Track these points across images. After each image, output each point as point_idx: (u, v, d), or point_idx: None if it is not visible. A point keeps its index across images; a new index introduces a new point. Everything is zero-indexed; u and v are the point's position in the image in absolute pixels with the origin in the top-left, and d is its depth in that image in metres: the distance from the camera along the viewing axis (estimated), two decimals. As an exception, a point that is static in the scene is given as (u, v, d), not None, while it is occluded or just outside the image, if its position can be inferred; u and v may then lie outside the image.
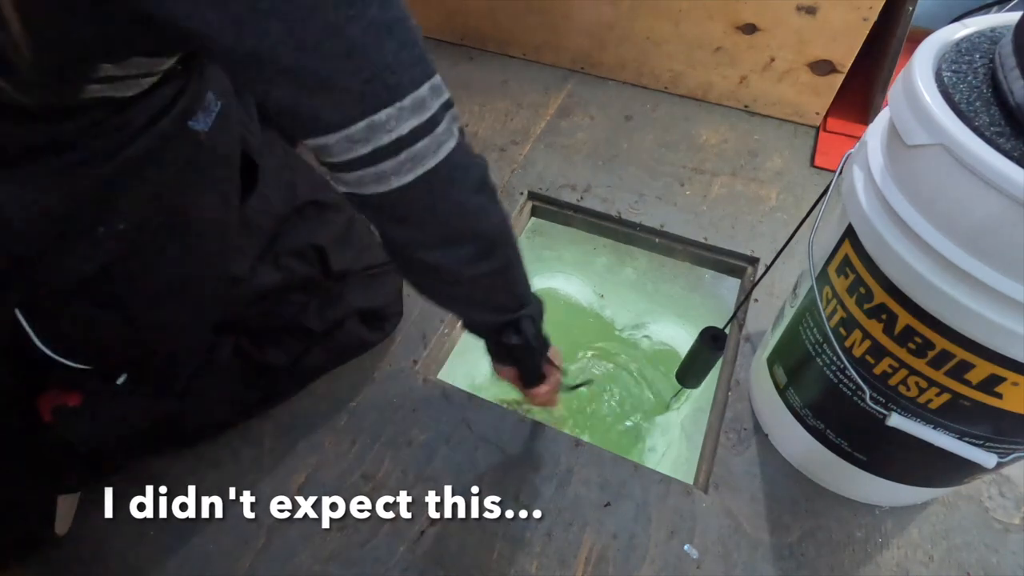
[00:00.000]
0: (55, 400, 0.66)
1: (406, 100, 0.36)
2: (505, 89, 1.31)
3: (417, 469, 0.76)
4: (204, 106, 0.54)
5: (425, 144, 0.38)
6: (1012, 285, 0.42)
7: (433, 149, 0.38)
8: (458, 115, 0.41)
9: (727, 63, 1.19)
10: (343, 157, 0.38)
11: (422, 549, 0.70)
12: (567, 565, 0.69)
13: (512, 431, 0.80)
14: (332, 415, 0.81)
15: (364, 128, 0.36)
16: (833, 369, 0.60)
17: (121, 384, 0.67)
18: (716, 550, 0.70)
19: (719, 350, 0.78)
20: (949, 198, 0.43)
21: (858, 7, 1.02)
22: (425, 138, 0.38)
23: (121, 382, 0.67)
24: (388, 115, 0.36)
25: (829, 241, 0.59)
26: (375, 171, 0.38)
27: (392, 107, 0.36)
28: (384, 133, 0.37)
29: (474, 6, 1.32)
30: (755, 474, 0.76)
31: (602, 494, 0.74)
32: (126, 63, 0.41)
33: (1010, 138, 0.40)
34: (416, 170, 0.39)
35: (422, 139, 0.38)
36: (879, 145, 0.51)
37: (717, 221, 1.04)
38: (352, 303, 0.80)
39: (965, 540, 0.71)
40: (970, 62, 0.46)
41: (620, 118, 1.24)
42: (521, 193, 1.09)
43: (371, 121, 0.36)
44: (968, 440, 0.55)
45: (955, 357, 0.48)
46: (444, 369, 0.93)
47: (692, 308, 1.19)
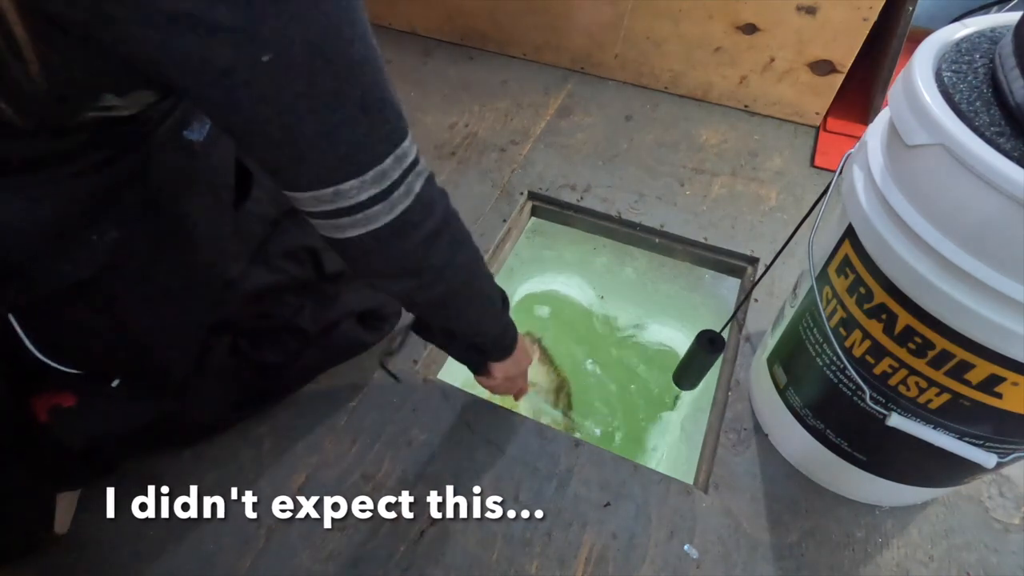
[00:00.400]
0: (51, 400, 0.66)
1: (368, 174, 0.41)
2: (505, 89, 1.31)
3: (417, 469, 0.76)
4: (198, 116, 0.54)
5: (379, 208, 0.43)
6: (1012, 285, 0.42)
7: (386, 211, 0.43)
8: (424, 170, 0.45)
9: (727, 63, 1.19)
10: (308, 208, 0.43)
11: (422, 549, 0.70)
12: (567, 565, 0.69)
13: (512, 431, 0.80)
14: (332, 415, 0.81)
15: (331, 194, 0.41)
16: (833, 369, 0.60)
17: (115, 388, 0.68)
18: (716, 550, 0.70)
19: (716, 353, 0.78)
20: (949, 198, 0.43)
21: (858, 7, 1.02)
22: (381, 203, 0.43)
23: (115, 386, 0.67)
24: (352, 185, 0.41)
25: (829, 241, 0.59)
26: (334, 223, 0.43)
27: (356, 179, 0.41)
28: (346, 199, 0.41)
29: (474, 6, 1.32)
30: (755, 474, 0.76)
31: (602, 494, 0.74)
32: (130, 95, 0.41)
33: (1010, 138, 0.40)
34: (368, 226, 0.43)
35: (378, 204, 0.43)
36: (879, 145, 0.51)
37: (717, 221, 1.04)
38: (348, 304, 0.80)
39: (965, 540, 0.71)
40: (970, 62, 0.46)
41: (620, 118, 1.24)
42: (521, 193, 1.09)
43: (337, 189, 0.41)
44: (968, 440, 0.55)
45: (955, 357, 0.48)
46: (444, 369, 0.93)
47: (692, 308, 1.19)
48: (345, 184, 0.41)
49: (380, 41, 0.39)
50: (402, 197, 0.43)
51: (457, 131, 1.22)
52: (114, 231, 0.51)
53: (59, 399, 0.66)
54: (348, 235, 0.44)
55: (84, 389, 0.67)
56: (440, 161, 1.15)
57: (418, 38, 1.43)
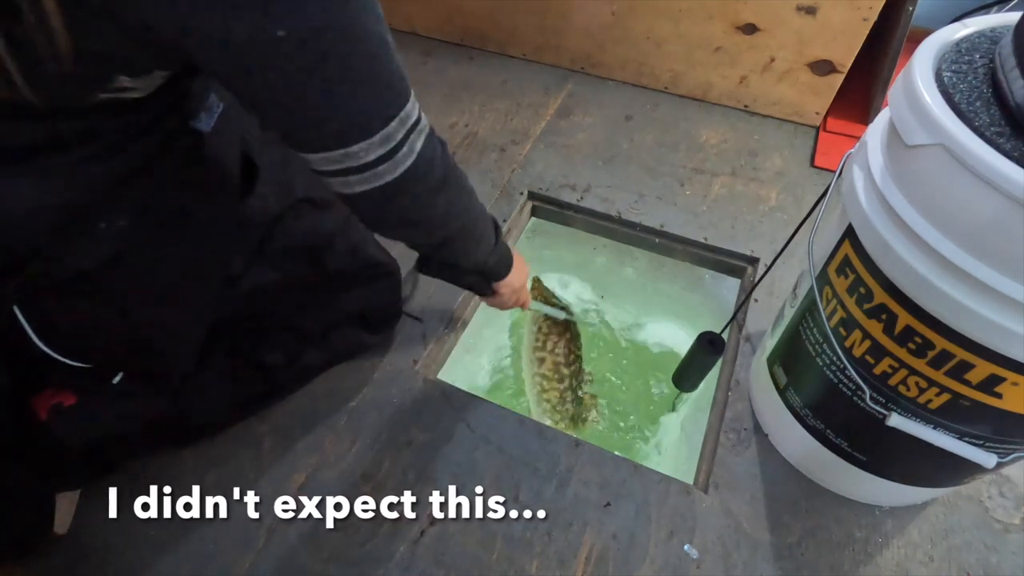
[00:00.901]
0: (51, 399, 0.66)
1: (376, 136, 0.44)
2: (505, 89, 1.31)
3: (417, 469, 0.76)
4: (206, 106, 0.55)
5: (385, 167, 0.46)
6: (1012, 285, 0.42)
7: (391, 169, 0.46)
8: (424, 127, 0.48)
9: (727, 63, 1.19)
10: (319, 167, 0.46)
11: (422, 549, 0.70)
12: (567, 565, 0.69)
13: (512, 431, 0.80)
14: (332, 415, 0.81)
15: (340, 155, 0.44)
16: (833, 369, 0.60)
17: (117, 383, 0.68)
18: (716, 550, 0.70)
19: (716, 355, 0.78)
20: (949, 198, 0.43)
21: (858, 7, 1.02)
22: (387, 162, 0.46)
23: (117, 381, 0.67)
24: (360, 147, 0.44)
25: (829, 241, 0.59)
26: (343, 180, 0.47)
27: (364, 142, 0.44)
28: (355, 159, 0.45)
29: (474, 6, 1.32)
30: (755, 474, 0.76)
31: (602, 494, 0.74)
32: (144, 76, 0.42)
33: (1010, 138, 0.40)
34: (375, 183, 0.47)
35: (384, 163, 0.46)
36: (879, 145, 0.51)
37: (717, 221, 1.04)
38: (349, 304, 0.80)
39: (965, 540, 0.71)
40: (970, 62, 0.46)
41: (620, 118, 1.24)
42: (521, 193, 1.09)
43: (346, 151, 0.44)
44: (968, 440, 0.55)
45: (955, 357, 0.48)
46: (444, 369, 0.93)
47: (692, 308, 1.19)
48: (354, 147, 0.44)
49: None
50: (406, 156, 0.47)
51: (457, 131, 1.22)
52: (122, 220, 0.51)
53: (60, 398, 0.66)
54: (356, 190, 0.47)
55: (85, 387, 0.67)
56: (440, 161, 1.15)
57: (418, 38, 1.43)
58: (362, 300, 0.81)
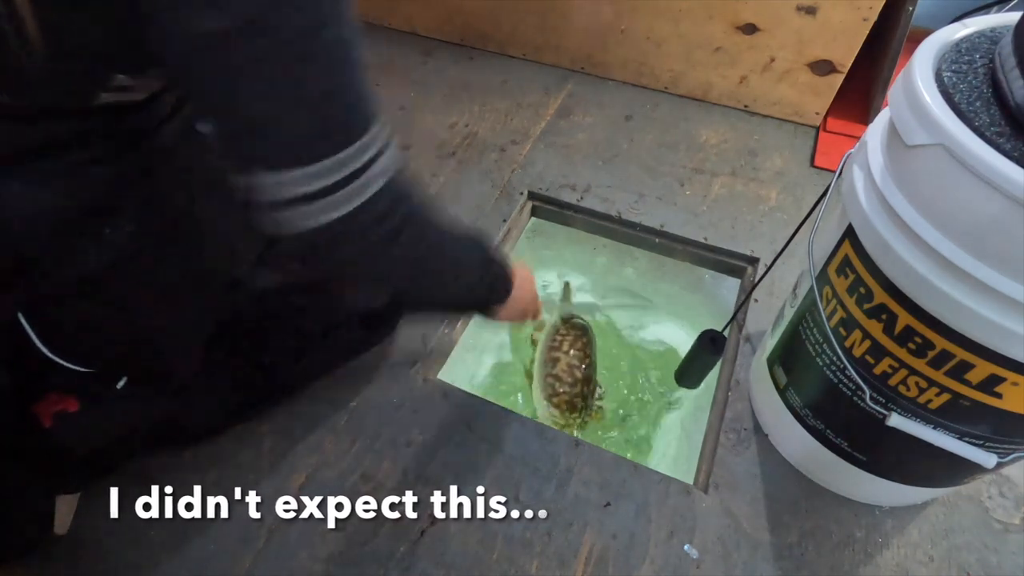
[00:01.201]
0: (54, 405, 0.66)
1: (315, 166, 0.39)
2: (505, 89, 1.31)
3: (417, 469, 0.76)
4: None
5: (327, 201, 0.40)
6: (1012, 285, 0.42)
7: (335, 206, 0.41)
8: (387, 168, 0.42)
9: (727, 63, 1.19)
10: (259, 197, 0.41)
11: (422, 549, 0.70)
12: (567, 565, 0.69)
13: (512, 431, 0.80)
14: (332, 415, 0.81)
15: (273, 183, 0.39)
16: (833, 369, 0.60)
17: (121, 388, 0.67)
18: (716, 550, 0.70)
19: (717, 353, 0.78)
20: (949, 198, 0.43)
21: (858, 7, 1.02)
22: (327, 197, 0.40)
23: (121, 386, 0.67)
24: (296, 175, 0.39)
25: (829, 241, 0.59)
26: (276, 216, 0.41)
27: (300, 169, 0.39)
28: (290, 189, 0.39)
29: (474, 6, 1.32)
30: (755, 474, 0.76)
31: (602, 494, 0.74)
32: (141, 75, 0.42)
33: (1010, 138, 0.40)
34: (315, 221, 0.41)
35: (324, 198, 0.40)
36: (879, 145, 0.51)
37: (717, 221, 1.04)
38: (351, 305, 0.80)
39: (965, 540, 0.71)
40: (970, 62, 0.46)
41: (620, 118, 1.24)
42: (521, 193, 1.09)
43: (279, 178, 0.39)
44: (968, 440, 0.55)
45: (955, 357, 0.48)
46: (444, 369, 0.93)
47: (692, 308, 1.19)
48: (291, 172, 0.38)
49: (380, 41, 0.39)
50: (355, 193, 0.41)
51: (457, 131, 1.22)
52: (128, 225, 0.51)
53: (64, 404, 0.66)
54: (294, 229, 0.41)
55: (88, 392, 0.67)
56: (440, 161, 1.15)
57: (418, 38, 1.43)
58: (363, 301, 0.81)
